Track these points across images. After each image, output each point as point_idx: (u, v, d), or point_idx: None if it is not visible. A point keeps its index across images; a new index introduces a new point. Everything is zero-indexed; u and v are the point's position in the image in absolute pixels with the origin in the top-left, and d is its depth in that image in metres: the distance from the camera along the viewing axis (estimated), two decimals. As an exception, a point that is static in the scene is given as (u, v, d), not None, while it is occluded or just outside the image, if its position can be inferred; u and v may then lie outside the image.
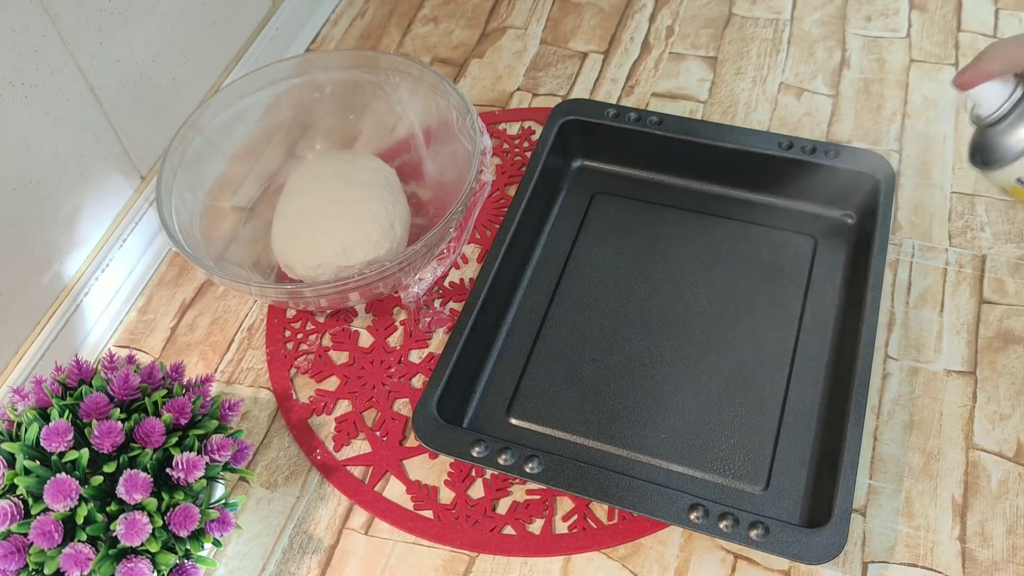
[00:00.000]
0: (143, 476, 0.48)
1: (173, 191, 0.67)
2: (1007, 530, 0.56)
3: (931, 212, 0.72)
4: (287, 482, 0.62)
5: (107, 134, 0.69)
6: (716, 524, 0.53)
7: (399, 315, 0.70)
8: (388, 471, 0.62)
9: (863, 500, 0.58)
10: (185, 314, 0.72)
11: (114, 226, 0.71)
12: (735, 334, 0.65)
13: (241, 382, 0.68)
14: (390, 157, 0.75)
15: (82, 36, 0.64)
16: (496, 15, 0.92)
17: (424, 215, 0.73)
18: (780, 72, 0.83)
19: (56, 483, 0.47)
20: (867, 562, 0.56)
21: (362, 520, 0.60)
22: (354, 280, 0.61)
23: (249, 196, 0.75)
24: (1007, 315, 0.66)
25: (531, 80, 0.85)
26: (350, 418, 0.65)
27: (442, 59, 0.88)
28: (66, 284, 0.68)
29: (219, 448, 0.52)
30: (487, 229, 0.74)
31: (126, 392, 0.52)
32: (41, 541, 0.46)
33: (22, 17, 0.58)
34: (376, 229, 0.66)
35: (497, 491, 0.60)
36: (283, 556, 0.59)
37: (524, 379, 0.64)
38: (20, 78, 0.59)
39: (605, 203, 0.74)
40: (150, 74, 0.72)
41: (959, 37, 0.84)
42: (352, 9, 0.94)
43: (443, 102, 0.71)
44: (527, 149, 0.79)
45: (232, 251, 0.70)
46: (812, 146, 0.69)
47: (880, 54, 0.84)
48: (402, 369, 0.67)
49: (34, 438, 0.49)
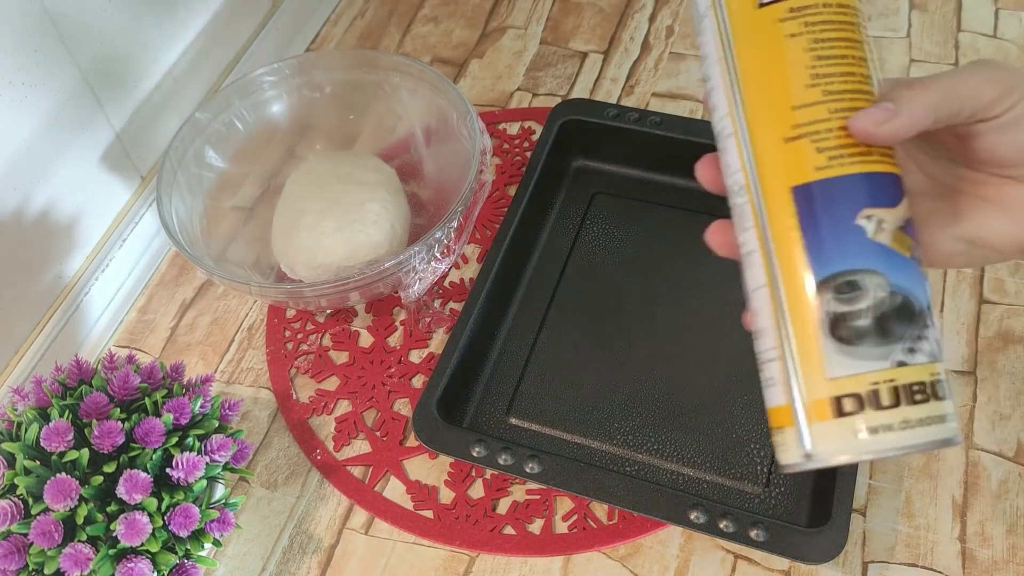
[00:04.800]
0: (143, 476, 0.48)
1: (173, 191, 0.67)
2: (1007, 530, 0.56)
3: (931, 212, 0.72)
4: (287, 482, 0.62)
5: (107, 134, 0.69)
6: (716, 524, 0.53)
7: (399, 315, 0.70)
8: (388, 471, 0.62)
9: (863, 500, 0.58)
10: (185, 314, 0.72)
11: (114, 226, 0.71)
12: (736, 334, 0.64)
13: (241, 382, 0.68)
14: (390, 157, 0.75)
15: (82, 36, 0.64)
16: (496, 15, 0.92)
17: (424, 215, 0.73)
18: (780, 72, 0.83)
19: (56, 483, 0.47)
20: (867, 562, 0.56)
21: (362, 520, 0.60)
22: (354, 280, 0.61)
23: (249, 196, 0.75)
24: (1007, 315, 0.66)
25: (531, 80, 0.85)
26: (350, 418, 0.65)
27: (442, 59, 0.88)
28: (66, 284, 0.68)
29: (219, 448, 0.52)
30: (487, 229, 0.74)
31: (126, 392, 0.52)
32: (41, 541, 0.46)
33: (22, 16, 0.58)
34: (376, 229, 0.66)
35: (497, 491, 0.60)
36: (283, 556, 0.59)
37: (524, 379, 0.64)
38: (20, 77, 0.59)
39: (605, 203, 0.74)
40: (150, 74, 0.72)
41: (959, 37, 0.84)
42: (352, 9, 0.94)
43: (443, 102, 0.71)
44: (527, 149, 0.79)
45: (232, 251, 0.70)
46: (812, 146, 0.69)
47: (880, 54, 0.84)
48: (402, 369, 0.67)
49: (34, 438, 0.49)
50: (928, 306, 0.35)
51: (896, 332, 0.34)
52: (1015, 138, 0.36)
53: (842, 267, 0.35)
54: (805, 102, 0.35)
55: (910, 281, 0.35)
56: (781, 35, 0.36)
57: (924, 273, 0.36)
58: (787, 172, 0.35)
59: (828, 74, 0.35)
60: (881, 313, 0.34)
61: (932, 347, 0.35)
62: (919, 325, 0.35)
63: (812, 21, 0.36)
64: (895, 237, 0.35)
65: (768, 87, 0.36)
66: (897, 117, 0.34)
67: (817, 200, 0.35)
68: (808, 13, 0.36)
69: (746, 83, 0.36)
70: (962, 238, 0.38)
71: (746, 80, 0.36)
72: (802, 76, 0.35)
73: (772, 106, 0.36)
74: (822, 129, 0.35)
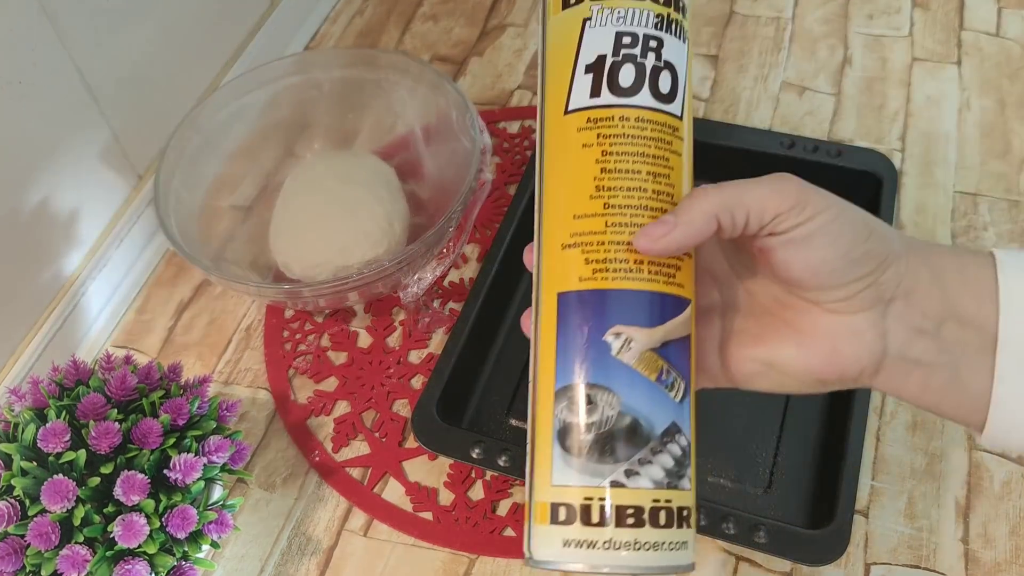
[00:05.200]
0: (140, 477, 0.48)
1: (171, 190, 0.66)
2: (1010, 531, 0.56)
3: (934, 211, 0.72)
4: (285, 483, 0.62)
5: (104, 133, 0.68)
6: (718, 526, 0.52)
7: (398, 315, 0.70)
8: (387, 472, 0.62)
9: (865, 501, 0.58)
10: (183, 314, 0.72)
11: (111, 226, 0.71)
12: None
13: (239, 383, 0.67)
14: (389, 156, 0.74)
15: (79, 35, 0.63)
16: (496, 13, 0.91)
17: (424, 214, 0.73)
18: (782, 70, 0.83)
19: (53, 484, 0.47)
20: (870, 564, 0.55)
21: (361, 522, 0.60)
22: (353, 280, 0.60)
23: (247, 195, 0.74)
24: (1010, 315, 0.65)
25: (531, 78, 0.85)
26: (349, 419, 0.64)
27: (441, 57, 0.88)
28: (63, 284, 0.68)
29: (217, 449, 0.51)
30: (487, 229, 0.74)
31: (123, 393, 0.52)
32: (38, 543, 0.46)
33: (19, 15, 0.58)
34: (375, 228, 0.65)
35: (497, 492, 0.60)
36: (281, 558, 0.59)
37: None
38: (17, 76, 0.59)
39: (605, 202, 0.73)
40: (148, 73, 0.71)
41: (961, 36, 0.84)
42: (351, 7, 0.94)
43: (442, 100, 0.70)
44: (527, 148, 0.79)
45: (230, 250, 0.70)
46: (814, 145, 0.69)
47: (882, 52, 0.83)
48: (401, 369, 0.66)
49: (31, 439, 0.49)
50: (668, 431, 0.34)
51: (618, 452, 0.34)
52: (806, 256, 0.34)
53: (579, 379, 0.35)
54: (585, 212, 0.36)
55: (647, 405, 0.34)
56: (577, 144, 0.37)
57: (676, 399, 0.35)
58: (557, 278, 0.36)
59: (612, 187, 0.35)
60: (606, 431, 0.34)
61: (661, 474, 0.34)
62: (647, 449, 0.34)
63: (606, 134, 0.36)
64: (642, 358, 0.35)
65: (558, 193, 0.37)
66: (675, 229, 0.34)
67: (573, 310, 0.36)
68: (603, 125, 0.36)
69: (546, 186, 0.37)
70: (759, 360, 0.38)
71: (546, 183, 0.37)
72: (587, 187, 0.36)
73: (559, 212, 0.36)
74: (594, 241, 0.35)
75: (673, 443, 0.35)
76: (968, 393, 0.35)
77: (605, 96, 0.36)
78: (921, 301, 0.35)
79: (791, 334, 0.37)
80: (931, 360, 0.35)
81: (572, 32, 0.38)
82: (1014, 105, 0.78)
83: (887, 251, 0.35)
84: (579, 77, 0.37)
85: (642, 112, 0.36)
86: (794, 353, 0.37)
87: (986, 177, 0.74)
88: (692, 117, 0.38)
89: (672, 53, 0.37)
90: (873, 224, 0.35)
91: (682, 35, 0.37)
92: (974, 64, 0.82)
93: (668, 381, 0.35)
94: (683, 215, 0.34)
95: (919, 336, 0.35)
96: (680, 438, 0.35)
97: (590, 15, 0.37)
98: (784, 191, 0.34)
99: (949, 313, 0.35)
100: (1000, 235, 0.70)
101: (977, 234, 0.70)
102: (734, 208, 0.34)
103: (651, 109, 0.36)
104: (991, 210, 0.71)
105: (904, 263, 0.35)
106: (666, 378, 0.35)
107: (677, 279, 0.36)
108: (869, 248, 0.34)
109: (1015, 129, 0.76)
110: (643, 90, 0.36)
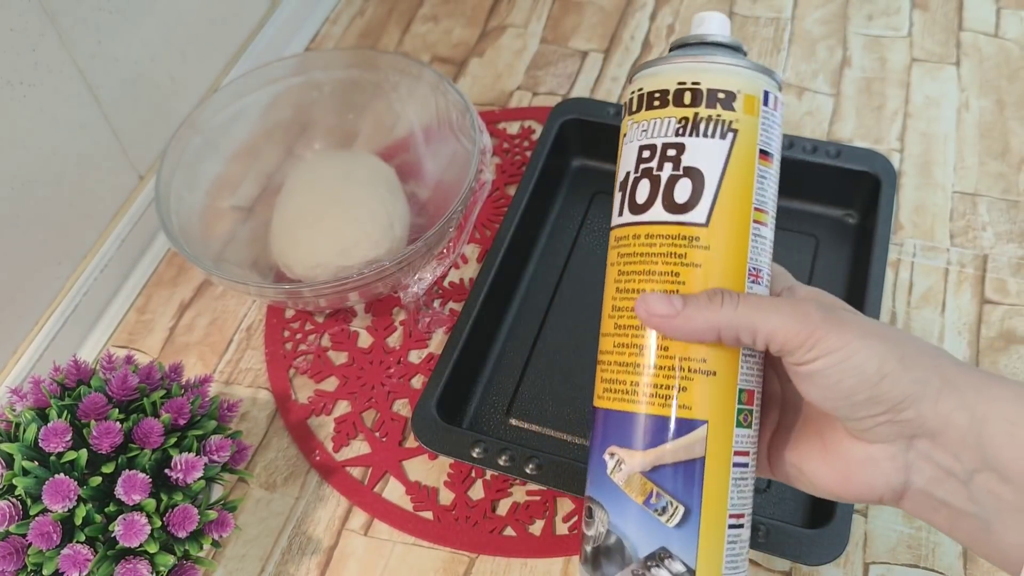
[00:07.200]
0: (141, 477, 0.48)
1: (172, 191, 0.67)
2: (1009, 531, 0.56)
3: (933, 212, 0.72)
4: (286, 483, 0.62)
5: (105, 133, 0.68)
6: (717, 525, 0.52)
7: (398, 315, 0.70)
8: (387, 472, 0.62)
9: (864, 501, 0.58)
10: (184, 314, 0.72)
11: (112, 226, 0.71)
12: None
13: (240, 382, 0.67)
14: (389, 156, 0.74)
15: (80, 35, 0.64)
16: (496, 13, 0.92)
17: (424, 215, 0.73)
18: (781, 71, 0.83)
19: (54, 484, 0.47)
20: (868, 563, 0.56)
21: (361, 521, 0.60)
22: (353, 280, 0.60)
23: (248, 196, 0.74)
24: (1009, 315, 0.66)
25: (531, 79, 0.85)
26: (349, 419, 0.64)
27: (442, 58, 0.88)
28: (64, 284, 0.68)
29: (218, 449, 0.52)
30: (487, 229, 0.74)
31: (124, 392, 0.52)
32: (40, 542, 0.46)
33: (20, 16, 0.58)
34: (375, 229, 0.66)
35: (497, 492, 0.60)
36: (282, 557, 0.59)
37: (524, 379, 0.64)
38: (18, 77, 0.59)
39: (605, 203, 0.73)
40: (148, 73, 0.71)
41: (960, 36, 0.84)
42: (351, 8, 0.94)
43: (442, 101, 0.71)
44: (527, 148, 0.79)
45: (231, 251, 0.70)
46: (813, 145, 0.69)
47: (881, 53, 0.83)
48: (401, 369, 0.66)
49: (32, 438, 0.49)
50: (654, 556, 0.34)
51: (604, 569, 0.36)
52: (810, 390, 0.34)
53: (587, 491, 0.38)
54: (604, 331, 0.38)
55: (630, 527, 0.35)
56: (608, 262, 0.38)
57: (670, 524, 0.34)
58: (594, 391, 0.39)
59: (621, 308, 0.36)
60: (596, 546, 0.36)
61: None
62: (628, 571, 0.35)
63: (622, 252, 0.37)
64: (630, 480, 0.35)
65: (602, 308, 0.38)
66: (675, 318, 0.34)
67: (593, 424, 0.38)
68: (621, 244, 0.37)
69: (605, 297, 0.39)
70: (792, 463, 0.38)
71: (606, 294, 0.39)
72: (608, 305, 0.38)
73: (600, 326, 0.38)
74: (606, 360, 0.37)
75: (660, 568, 0.34)
76: (1001, 546, 0.33)
77: (626, 215, 0.37)
78: (952, 445, 0.33)
79: (820, 446, 0.37)
80: (960, 506, 0.34)
81: (618, 150, 0.39)
82: (1013, 105, 0.78)
83: (903, 394, 0.33)
84: (616, 195, 0.38)
85: (652, 228, 0.36)
86: (817, 466, 0.37)
87: (985, 177, 0.74)
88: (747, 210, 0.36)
89: (698, 156, 0.35)
90: (891, 365, 0.33)
91: (718, 131, 0.36)
92: (973, 64, 0.82)
93: (658, 505, 0.35)
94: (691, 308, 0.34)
95: (948, 477, 0.34)
96: (672, 563, 0.34)
97: (626, 131, 0.38)
98: (798, 325, 0.33)
99: (985, 464, 0.33)
100: (999, 235, 0.70)
101: (976, 234, 0.70)
102: (740, 330, 0.34)
103: (662, 223, 0.35)
104: (990, 210, 0.71)
105: (931, 405, 0.33)
106: (655, 502, 0.35)
107: (683, 401, 0.35)
108: (875, 394, 0.33)
109: (1014, 129, 0.77)
110: (655, 204, 0.36)
